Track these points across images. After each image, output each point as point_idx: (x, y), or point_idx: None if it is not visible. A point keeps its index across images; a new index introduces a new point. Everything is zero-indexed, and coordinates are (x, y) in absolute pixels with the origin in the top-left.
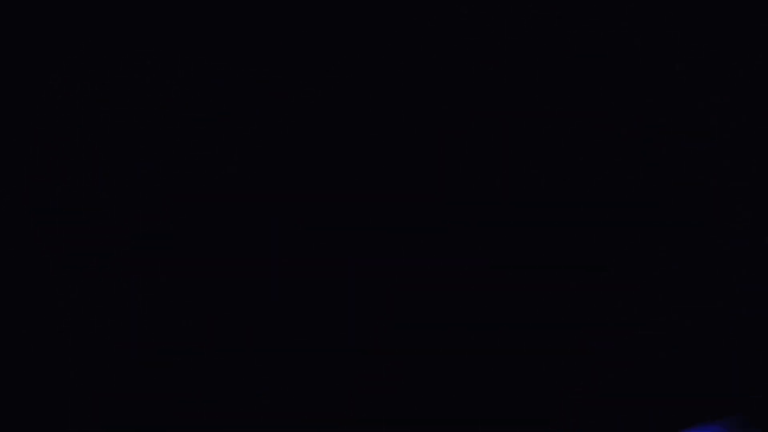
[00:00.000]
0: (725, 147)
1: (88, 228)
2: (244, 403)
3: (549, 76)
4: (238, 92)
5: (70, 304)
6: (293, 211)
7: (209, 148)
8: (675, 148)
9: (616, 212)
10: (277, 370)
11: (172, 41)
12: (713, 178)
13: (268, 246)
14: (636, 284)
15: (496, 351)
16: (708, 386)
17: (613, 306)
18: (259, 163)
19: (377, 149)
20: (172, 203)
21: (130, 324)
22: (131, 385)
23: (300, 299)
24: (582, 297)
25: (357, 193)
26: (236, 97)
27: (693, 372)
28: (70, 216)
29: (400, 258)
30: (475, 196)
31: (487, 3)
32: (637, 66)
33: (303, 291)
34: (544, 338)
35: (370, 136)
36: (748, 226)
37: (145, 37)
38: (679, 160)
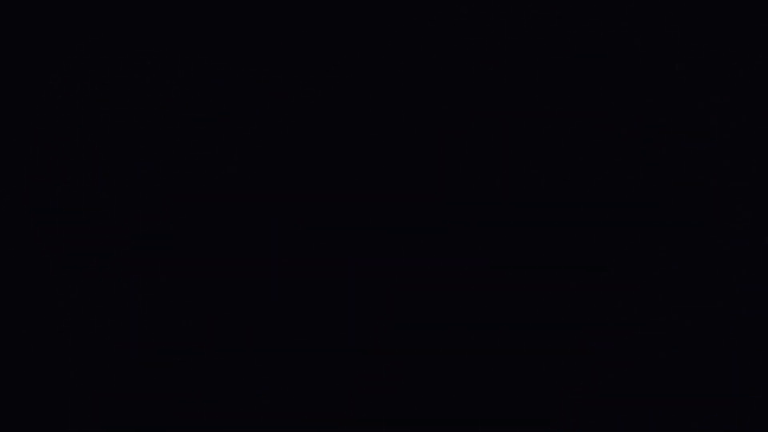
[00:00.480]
0: (725, 147)
1: (88, 228)
2: (244, 403)
3: (549, 76)
4: (238, 92)
5: (70, 304)
6: (293, 211)
7: (209, 148)
8: (675, 148)
9: (616, 212)
10: (277, 370)
11: (172, 41)
12: (713, 178)
13: (268, 246)
14: (636, 284)
15: (496, 351)
16: (708, 386)
17: (613, 306)
18: (259, 163)
19: (377, 149)
20: (172, 203)
21: (130, 324)
22: (131, 385)
23: (300, 299)
24: (582, 297)
25: (357, 193)
26: (236, 97)
27: (693, 372)
28: (70, 216)
29: (400, 258)
30: (475, 196)
31: (487, 3)
32: (637, 66)
33: (303, 291)
34: (544, 338)
35: (369, 136)
36: (748, 226)
37: (145, 37)
38: (679, 160)
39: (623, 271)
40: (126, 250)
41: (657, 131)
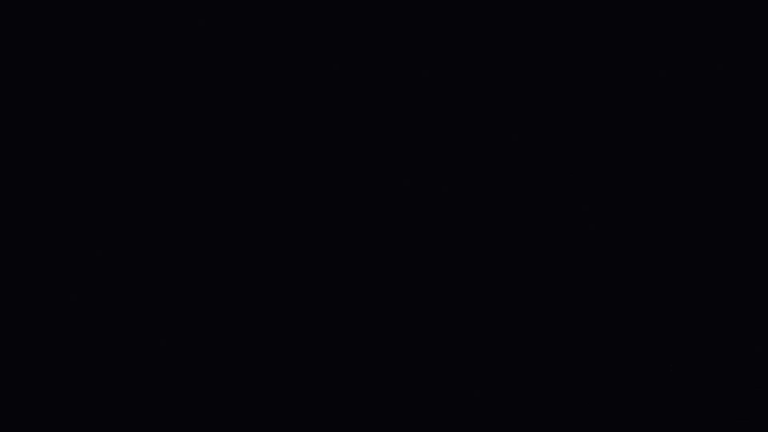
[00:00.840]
0: (725, 147)
1: (88, 228)
2: (243, 403)
3: (549, 76)
4: (239, 92)
5: (70, 304)
6: (292, 211)
7: (209, 148)
8: (675, 148)
9: (616, 212)
10: (277, 370)
11: (172, 41)
12: (712, 178)
13: (267, 246)
14: (636, 284)
15: (496, 351)
16: (707, 386)
17: (612, 305)
18: (258, 162)
19: (376, 149)
20: (173, 203)
21: (129, 324)
22: (131, 384)
23: (299, 299)
24: (582, 297)
25: (356, 193)
26: (236, 96)
27: (693, 372)
28: (69, 216)
29: (399, 256)
30: (474, 195)
31: (487, 3)
32: (637, 66)
33: (303, 291)
34: (544, 338)
35: (369, 137)
36: (748, 225)
37: (146, 37)
38: (679, 159)
39: (624, 270)
40: (125, 249)
41: (657, 131)
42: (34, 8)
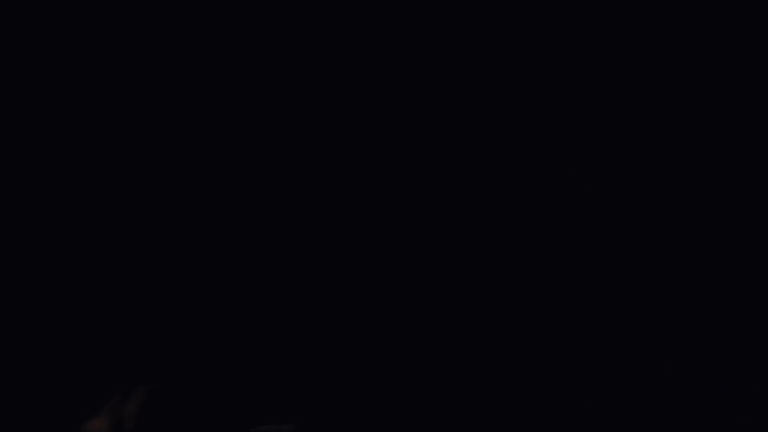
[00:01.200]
0: (725, 147)
1: (88, 228)
2: (244, 403)
3: (548, 76)
4: (239, 92)
5: (70, 304)
6: (293, 210)
7: (209, 148)
8: (676, 148)
9: (616, 212)
10: (278, 370)
11: (172, 41)
12: (713, 178)
13: (267, 246)
14: (636, 284)
15: (496, 351)
16: (707, 386)
17: (612, 305)
18: (257, 162)
19: (376, 150)
20: (173, 203)
21: (130, 323)
22: (132, 384)
23: (300, 299)
24: (582, 297)
25: (355, 193)
26: (237, 96)
27: (693, 372)
28: (69, 216)
29: (399, 256)
30: (474, 195)
31: (487, 4)
32: (637, 66)
33: (303, 290)
34: (544, 338)
35: (368, 137)
36: (748, 225)
37: (145, 37)
38: (680, 159)
39: (623, 270)
40: (125, 249)
41: (659, 131)
42: (34, 8)
